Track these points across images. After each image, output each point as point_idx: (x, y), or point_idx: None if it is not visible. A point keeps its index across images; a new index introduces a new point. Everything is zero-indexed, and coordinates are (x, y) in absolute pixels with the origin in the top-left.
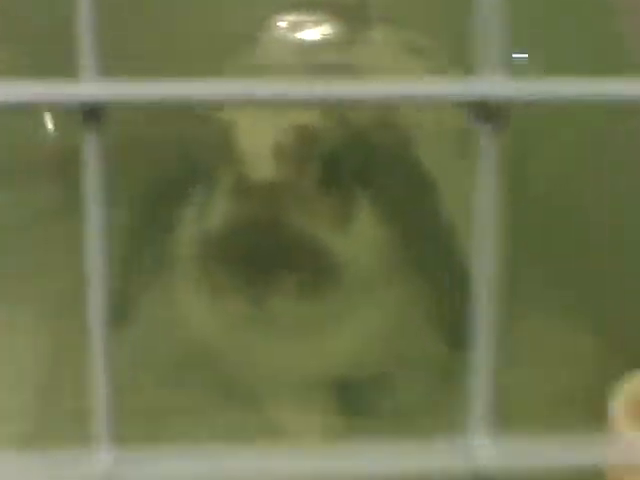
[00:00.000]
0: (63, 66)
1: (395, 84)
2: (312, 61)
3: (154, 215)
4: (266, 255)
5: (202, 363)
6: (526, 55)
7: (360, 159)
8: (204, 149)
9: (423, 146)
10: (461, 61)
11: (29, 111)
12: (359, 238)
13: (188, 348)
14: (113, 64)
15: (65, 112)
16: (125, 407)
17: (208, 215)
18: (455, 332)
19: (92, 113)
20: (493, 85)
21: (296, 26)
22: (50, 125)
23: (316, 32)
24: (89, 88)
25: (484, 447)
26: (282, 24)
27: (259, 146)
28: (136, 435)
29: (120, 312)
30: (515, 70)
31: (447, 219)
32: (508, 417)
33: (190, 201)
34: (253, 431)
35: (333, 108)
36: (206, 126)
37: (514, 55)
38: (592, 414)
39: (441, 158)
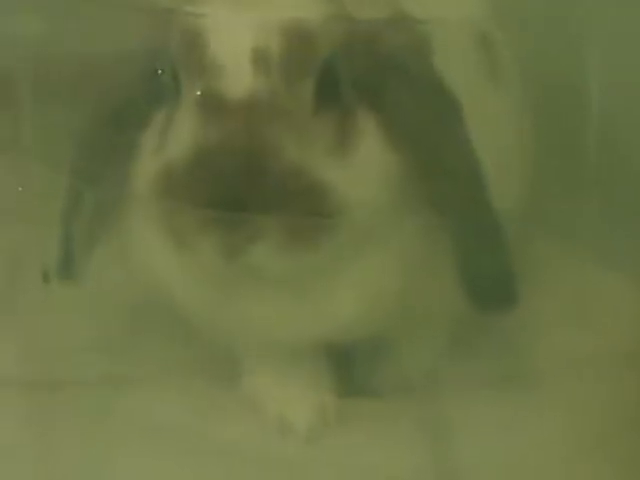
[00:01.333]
0: None
1: None
2: None
3: (106, 143)
4: (243, 192)
5: (165, 326)
6: None
7: (365, 68)
8: (166, 55)
9: (442, 54)
10: None
11: None
12: (363, 170)
13: (148, 307)
14: None
15: None
16: (78, 375)
17: (170, 141)
18: (483, 287)
19: None
20: None
21: None
22: None
23: None
24: None
25: None
26: None
27: (235, 51)
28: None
29: (67, 264)
30: None
31: (472, 148)
32: None
33: (148, 124)
34: (227, 409)
35: None
36: (169, 24)
37: None
38: None
39: (465, 72)
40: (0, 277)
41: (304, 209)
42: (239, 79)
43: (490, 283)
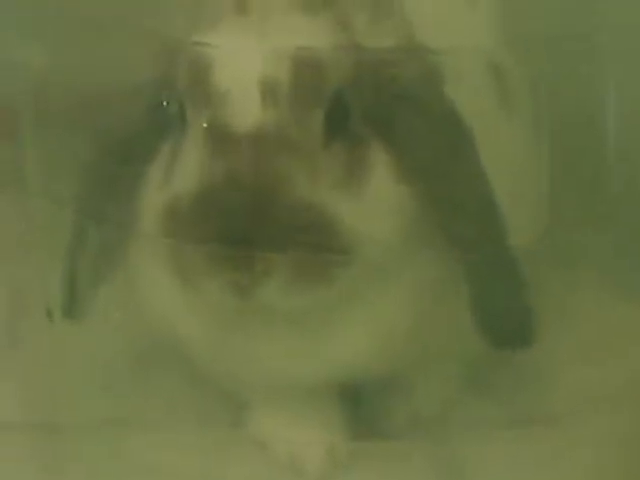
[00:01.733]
0: None
1: None
2: None
3: (110, 177)
4: (251, 228)
5: (170, 367)
6: None
7: (376, 98)
8: (171, 86)
9: (454, 83)
10: None
11: None
12: (375, 203)
13: (154, 348)
14: None
15: None
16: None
17: (176, 175)
18: (498, 324)
19: None
20: None
21: None
22: None
23: None
24: None
25: None
26: None
27: (242, 81)
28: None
29: (71, 303)
30: None
31: (486, 178)
32: None
33: (154, 156)
34: (234, 451)
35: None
36: (175, 54)
37: None
38: None
39: (477, 102)
40: (2, 315)
41: (314, 245)
42: (247, 110)
43: (505, 319)
